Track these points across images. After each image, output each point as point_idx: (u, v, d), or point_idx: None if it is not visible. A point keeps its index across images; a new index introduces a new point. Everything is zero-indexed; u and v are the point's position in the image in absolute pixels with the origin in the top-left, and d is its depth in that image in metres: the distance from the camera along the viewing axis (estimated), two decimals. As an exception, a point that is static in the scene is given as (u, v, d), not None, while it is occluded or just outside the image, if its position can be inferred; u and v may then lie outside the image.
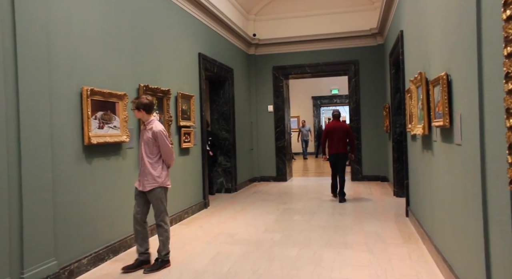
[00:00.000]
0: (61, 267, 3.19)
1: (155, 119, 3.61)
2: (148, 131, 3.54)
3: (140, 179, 3.58)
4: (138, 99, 3.57)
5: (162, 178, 3.56)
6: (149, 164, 3.53)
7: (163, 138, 3.53)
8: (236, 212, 5.98)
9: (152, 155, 3.55)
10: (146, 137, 3.54)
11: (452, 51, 2.75)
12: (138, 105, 3.53)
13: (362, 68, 8.82)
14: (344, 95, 15.29)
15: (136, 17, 4.51)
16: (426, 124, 3.59)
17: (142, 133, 3.60)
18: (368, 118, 8.80)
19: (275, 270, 3.44)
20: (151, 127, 3.54)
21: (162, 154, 3.57)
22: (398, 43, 5.54)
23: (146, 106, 3.54)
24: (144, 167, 3.55)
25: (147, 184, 3.52)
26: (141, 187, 3.56)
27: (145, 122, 3.60)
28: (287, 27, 9.08)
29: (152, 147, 3.54)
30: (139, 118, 3.73)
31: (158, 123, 3.59)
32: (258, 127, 9.34)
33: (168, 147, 3.57)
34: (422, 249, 3.87)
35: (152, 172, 3.53)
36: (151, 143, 3.52)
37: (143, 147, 3.56)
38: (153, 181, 3.52)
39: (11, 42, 2.81)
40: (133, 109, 3.55)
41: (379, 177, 8.70)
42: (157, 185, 3.53)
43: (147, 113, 3.56)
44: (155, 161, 3.56)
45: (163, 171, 3.59)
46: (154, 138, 3.51)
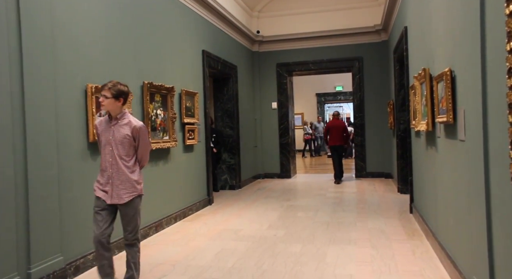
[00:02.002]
0: (67, 263, 3.23)
1: (128, 112, 2.95)
2: (124, 127, 2.85)
3: (111, 189, 2.84)
4: (114, 85, 2.82)
5: (141, 184, 2.94)
6: (126, 168, 2.86)
7: (146, 135, 2.94)
8: (240, 208, 6.01)
9: (129, 157, 2.88)
10: (120, 135, 2.83)
11: (455, 47, 2.75)
12: (117, 93, 2.81)
13: (366, 64, 8.79)
14: (348, 92, 15.24)
15: (140, 14, 4.53)
16: (430, 121, 3.58)
17: (110, 131, 2.84)
18: (372, 115, 8.78)
19: (279, 266, 3.46)
20: (127, 121, 2.88)
21: (141, 154, 2.94)
22: (402, 40, 5.52)
23: (127, 96, 2.88)
24: (119, 173, 2.84)
25: (125, 194, 2.84)
26: (113, 199, 2.84)
27: (118, 115, 2.87)
28: (291, 24, 9.06)
29: (129, 147, 2.87)
30: (108, 110, 2.85)
31: (135, 117, 3.00)
32: (262, 124, 9.35)
33: (149, 146, 3.01)
34: (426, 245, 3.87)
35: (132, 177, 2.87)
36: (127, 142, 2.84)
37: (116, 147, 2.83)
38: (133, 188, 2.87)
39: (16, 41, 2.83)
40: (108, 97, 2.78)
41: (383, 173, 8.68)
42: (137, 193, 2.90)
43: (123, 104, 2.88)
44: (132, 164, 2.89)
45: (141, 175, 2.96)
46: (134, 136, 2.86)
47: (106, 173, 2.85)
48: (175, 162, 5.24)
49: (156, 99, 4.75)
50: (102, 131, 2.90)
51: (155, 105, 4.72)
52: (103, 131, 2.89)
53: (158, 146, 4.67)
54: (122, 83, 2.86)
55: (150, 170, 4.59)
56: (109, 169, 2.84)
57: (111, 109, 2.84)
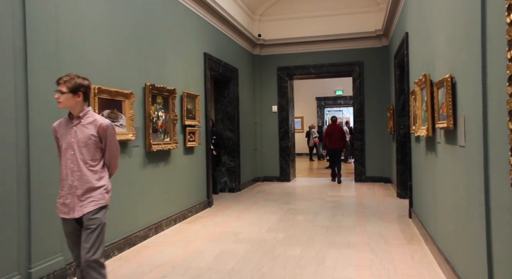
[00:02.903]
0: (67, 263, 3.24)
1: (91, 110, 2.56)
2: (88, 126, 2.45)
3: (71, 201, 2.41)
4: (71, 78, 2.43)
5: (110, 192, 2.54)
6: (92, 173, 2.44)
7: (113, 135, 2.53)
8: (239, 211, 6.02)
9: (95, 160, 2.46)
10: (84, 135, 2.43)
11: (456, 53, 2.77)
12: (75, 87, 2.41)
13: (367, 69, 8.83)
14: (348, 96, 15.29)
15: (143, 17, 4.56)
16: (430, 126, 3.61)
17: (72, 132, 2.44)
18: (372, 120, 8.81)
19: (278, 269, 3.48)
20: (92, 120, 2.47)
21: (109, 158, 2.53)
22: (403, 45, 5.56)
23: (87, 90, 2.49)
24: (82, 180, 2.41)
25: (90, 203, 2.41)
26: (76, 212, 2.40)
27: (80, 113, 2.46)
28: (292, 27, 9.11)
29: (94, 150, 2.45)
30: (66, 107, 2.45)
31: (100, 115, 2.63)
32: (262, 127, 9.37)
33: (118, 148, 2.59)
34: (424, 250, 3.89)
35: (98, 184, 2.45)
36: (92, 143, 2.44)
37: (79, 151, 2.42)
38: (100, 196, 2.45)
39: (21, 43, 2.86)
40: (64, 92, 2.40)
41: (383, 178, 8.70)
42: (104, 202, 2.47)
43: (84, 101, 2.48)
44: (99, 168, 2.47)
45: (109, 182, 2.55)
46: (100, 136, 2.47)
47: (67, 182, 2.42)
48: (176, 164, 5.26)
49: (157, 101, 4.77)
50: (62, 135, 2.48)
51: (156, 107, 4.74)
52: (63, 134, 2.47)
53: (159, 148, 4.69)
54: (81, 76, 2.50)
55: (150, 171, 4.61)
56: (69, 176, 2.42)
57: (70, 106, 2.45)
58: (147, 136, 4.52)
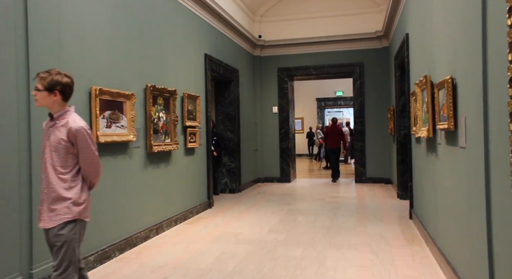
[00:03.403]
0: (68, 264, 3.24)
1: (72, 111, 2.33)
2: (61, 129, 2.23)
3: (42, 209, 2.27)
4: (49, 74, 2.23)
5: (82, 205, 2.27)
6: (60, 181, 2.22)
7: (86, 140, 2.25)
8: (240, 212, 6.02)
9: (65, 167, 2.24)
10: (55, 139, 2.23)
11: (457, 55, 2.78)
12: (51, 84, 2.21)
13: (367, 70, 8.84)
14: (349, 97, 15.31)
15: (144, 18, 4.57)
16: (431, 127, 3.62)
17: (48, 133, 2.29)
18: (372, 121, 8.82)
19: (279, 270, 3.48)
20: (65, 122, 2.24)
21: (84, 166, 2.28)
22: (404, 46, 5.57)
23: (65, 88, 2.26)
24: (49, 188, 2.23)
25: (54, 217, 2.21)
26: (42, 222, 2.25)
27: (55, 114, 2.27)
28: (293, 29, 9.12)
29: (65, 155, 2.24)
30: (42, 106, 2.28)
31: (77, 117, 2.31)
32: (263, 128, 9.38)
33: (93, 154, 2.29)
34: (425, 251, 3.89)
35: (65, 194, 2.22)
36: (62, 148, 2.22)
37: (50, 155, 2.24)
38: (66, 210, 2.22)
39: (23, 44, 2.87)
40: (40, 89, 2.21)
41: (383, 179, 8.71)
42: (71, 216, 2.22)
43: (63, 100, 2.27)
44: (69, 177, 2.25)
45: (83, 193, 2.29)
46: (71, 140, 2.23)
47: (41, 187, 2.29)
48: (176, 165, 5.26)
49: (158, 102, 4.78)
50: (43, 136, 2.34)
51: (157, 108, 4.75)
52: (44, 135, 2.32)
53: (160, 149, 4.70)
54: (62, 72, 2.28)
55: (151, 172, 4.62)
56: (42, 182, 2.27)
57: (46, 105, 2.26)
58: (148, 137, 4.52)
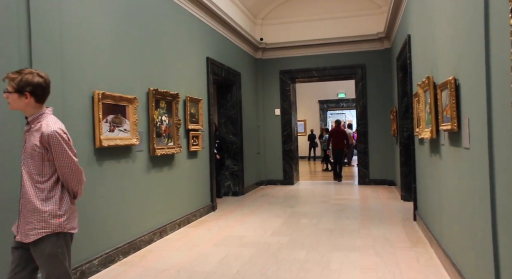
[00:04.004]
0: (73, 268, 3.23)
1: (49, 113, 2.12)
2: (34, 134, 2.05)
3: (19, 221, 2.08)
4: (20, 74, 2.02)
5: (63, 217, 2.08)
6: (36, 191, 2.04)
7: (60, 145, 2.03)
8: (243, 215, 6.01)
9: (42, 175, 2.05)
10: (29, 145, 2.05)
11: (460, 55, 2.78)
12: (21, 85, 2.00)
13: (369, 72, 8.83)
14: (351, 99, 15.29)
15: (146, 22, 4.58)
16: (434, 128, 3.60)
17: (24, 139, 2.11)
18: (375, 122, 8.80)
19: (283, 273, 3.47)
20: (39, 126, 2.05)
21: (61, 173, 2.08)
22: (406, 48, 5.56)
23: (36, 89, 2.03)
24: (25, 198, 2.05)
25: (31, 230, 2.02)
26: (20, 235, 2.06)
27: (30, 118, 2.08)
28: (294, 31, 9.13)
29: (41, 163, 2.04)
30: (16, 109, 2.10)
31: (53, 120, 2.09)
32: (265, 131, 9.38)
33: (70, 160, 2.08)
34: (430, 253, 3.87)
35: (41, 206, 2.02)
36: (37, 155, 2.03)
37: (25, 162, 2.06)
38: (43, 224, 2.02)
39: (26, 48, 2.88)
40: (10, 91, 2.02)
41: (386, 180, 8.68)
42: (50, 230, 2.03)
43: (36, 102, 2.06)
44: (47, 186, 2.05)
45: (63, 204, 2.09)
46: (45, 146, 2.03)
47: (20, 196, 2.10)
48: (180, 168, 5.27)
49: (161, 106, 4.79)
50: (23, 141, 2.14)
51: (160, 112, 4.76)
52: (23, 141, 2.13)
53: (162, 152, 4.70)
54: (35, 71, 2.06)
55: (154, 175, 4.62)
56: (20, 192, 2.09)
57: (19, 108, 2.07)
58: (151, 141, 4.53)
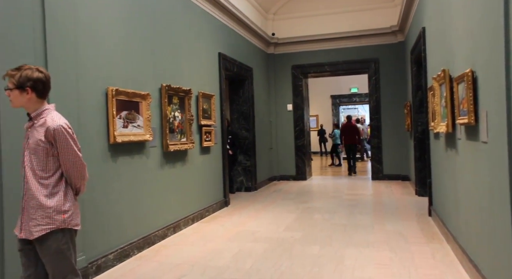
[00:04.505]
0: (89, 262, 3.30)
1: (52, 109, 2.13)
2: (39, 129, 2.04)
3: (21, 216, 2.07)
4: (19, 70, 2.02)
5: (67, 212, 2.07)
6: (41, 188, 2.03)
7: (66, 140, 2.04)
8: (256, 210, 6.02)
9: (46, 171, 2.04)
10: (33, 141, 2.04)
11: (477, 47, 2.71)
12: (21, 81, 2.00)
13: (382, 66, 8.72)
14: (364, 93, 15.13)
15: (158, 18, 4.60)
16: (450, 122, 3.55)
17: (27, 135, 2.10)
18: (388, 117, 8.70)
19: (297, 268, 3.46)
20: (43, 122, 2.05)
21: (65, 169, 2.08)
22: (420, 40, 5.47)
23: (37, 84, 2.03)
24: (28, 194, 2.03)
25: (35, 226, 2.01)
26: (23, 232, 2.05)
27: (33, 114, 2.08)
28: (306, 25, 9.06)
29: (45, 158, 2.04)
30: (18, 106, 2.09)
31: (57, 115, 2.10)
32: (278, 126, 9.35)
33: (75, 155, 2.09)
34: (446, 249, 3.82)
35: (46, 202, 2.02)
36: (41, 150, 2.03)
37: (29, 158, 2.05)
38: (47, 220, 2.02)
39: (41, 46, 2.92)
40: (11, 88, 2.02)
41: (400, 176, 8.58)
42: (54, 226, 2.03)
43: (38, 97, 2.06)
44: (51, 182, 2.05)
45: (67, 200, 2.09)
46: (50, 141, 2.03)
47: (22, 193, 2.08)
48: (192, 164, 5.29)
49: (174, 102, 4.80)
50: (24, 137, 2.13)
51: (173, 108, 4.78)
52: (24, 137, 2.12)
53: (176, 148, 4.73)
54: (34, 67, 2.06)
55: (168, 171, 4.65)
56: (22, 188, 2.07)
57: (21, 105, 2.07)
58: (164, 136, 4.56)
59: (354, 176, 9.88)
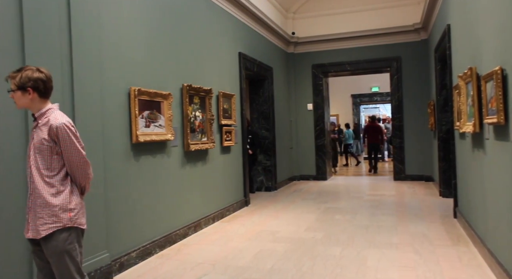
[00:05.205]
0: (112, 259, 3.34)
1: (55, 108, 2.14)
2: (42, 128, 2.06)
3: (28, 217, 2.07)
4: (20, 72, 2.04)
5: (73, 211, 2.08)
6: (47, 186, 2.04)
7: (69, 137, 2.05)
8: (276, 210, 6.00)
9: (51, 170, 2.06)
10: (38, 140, 2.05)
11: (507, 44, 2.62)
12: (23, 82, 2.02)
13: (405, 64, 8.56)
14: (385, 92, 14.87)
15: (179, 19, 4.63)
16: (477, 122, 3.44)
17: (32, 135, 2.11)
18: (411, 116, 8.53)
19: (318, 269, 3.43)
20: (46, 121, 2.06)
21: (69, 167, 2.09)
22: (445, 38, 5.33)
23: (38, 84, 2.04)
24: (35, 193, 2.04)
25: (42, 225, 2.01)
26: (31, 231, 2.05)
27: (36, 114, 2.10)
28: (327, 24, 8.97)
29: (50, 157, 2.05)
30: (23, 108, 2.14)
31: (60, 114, 2.11)
32: (298, 126, 9.30)
33: (78, 153, 2.09)
34: (473, 252, 3.71)
35: (52, 200, 2.03)
36: (46, 149, 2.04)
37: (34, 157, 2.05)
38: (54, 218, 2.02)
39: (67, 48, 2.97)
40: (14, 90, 2.04)
41: (423, 176, 8.40)
42: (61, 225, 2.03)
43: (40, 97, 2.07)
44: (57, 180, 2.06)
45: (73, 198, 2.10)
46: (53, 139, 2.04)
47: (28, 193, 2.08)
48: (213, 163, 5.31)
49: (194, 102, 4.83)
50: (30, 138, 2.14)
51: (194, 107, 4.80)
52: (30, 137, 2.14)
53: (197, 147, 4.75)
54: (34, 67, 2.07)
55: (189, 170, 4.68)
56: (29, 188, 2.07)
57: (25, 106, 2.09)
58: (185, 136, 4.59)
59: (375, 175, 10.00)
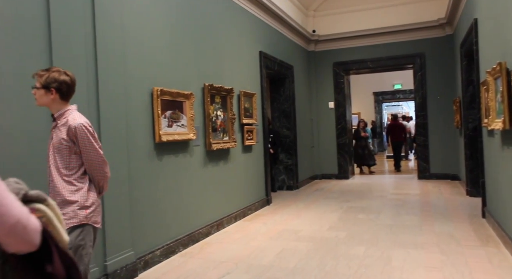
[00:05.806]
0: (137, 257, 3.40)
1: (74, 109, 2.21)
2: (61, 128, 2.14)
3: None
4: (48, 72, 2.13)
5: (89, 208, 2.15)
6: (66, 184, 2.12)
7: (87, 137, 2.14)
8: (299, 209, 5.97)
9: (71, 169, 2.14)
10: (57, 139, 2.14)
11: (540, 37, 2.52)
12: (48, 82, 2.10)
13: (429, 61, 8.36)
14: (408, 90, 14.59)
15: (200, 19, 4.66)
16: (507, 119, 3.33)
17: (51, 135, 2.20)
18: (435, 114, 8.33)
19: (342, 268, 3.39)
20: (65, 121, 2.14)
21: (88, 167, 2.18)
22: (471, 33, 5.18)
23: (62, 86, 2.12)
24: (55, 191, 2.12)
25: None
26: None
27: (55, 114, 2.18)
28: (347, 21, 8.86)
29: (69, 156, 2.14)
30: (42, 105, 2.19)
31: (78, 114, 2.19)
32: (319, 124, 9.23)
33: (96, 153, 2.17)
34: (504, 253, 3.59)
35: (71, 197, 2.11)
36: (64, 148, 2.12)
37: (53, 156, 2.15)
38: (73, 214, 2.10)
39: (92, 49, 3.04)
40: (38, 87, 2.12)
41: (449, 175, 8.20)
42: (77, 221, 2.10)
43: (61, 98, 2.15)
44: (76, 178, 2.14)
45: (90, 196, 2.17)
46: (72, 139, 2.13)
47: (48, 191, 2.14)
48: (235, 162, 5.33)
49: (216, 101, 4.86)
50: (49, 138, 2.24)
51: (215, 107, 4.83)
52: (50, 137, 2.23)
53: (218, 146, 4.78)
54: (62, 70, 2.15)
55: (211, 169, 4.71)
56: (49, 186, 2.16)
57: (45, 104, 2.16)
58: (207, 135, 4.62)
59: (399, 174, 10.03)
